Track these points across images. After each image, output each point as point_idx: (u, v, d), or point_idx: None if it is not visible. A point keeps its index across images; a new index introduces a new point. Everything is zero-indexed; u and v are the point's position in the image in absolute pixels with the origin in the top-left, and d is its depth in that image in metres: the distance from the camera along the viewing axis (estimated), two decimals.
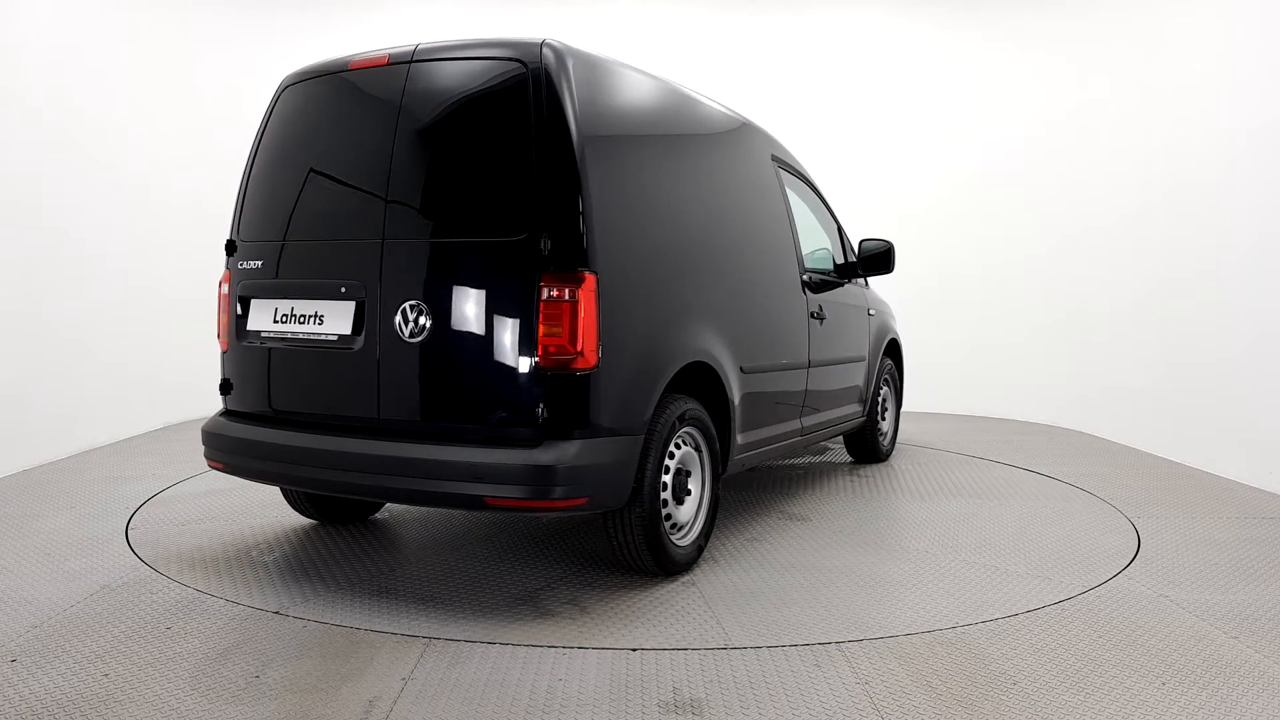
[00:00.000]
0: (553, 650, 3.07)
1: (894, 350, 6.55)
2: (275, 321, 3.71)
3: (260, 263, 3.80)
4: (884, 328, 6.27)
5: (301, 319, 3.64)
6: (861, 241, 5.86)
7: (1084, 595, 3.69)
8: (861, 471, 6.08)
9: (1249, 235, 5.96)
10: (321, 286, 3.59)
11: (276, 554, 4.09)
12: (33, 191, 5.93)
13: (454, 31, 8.22)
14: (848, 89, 8.85)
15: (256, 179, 3.94)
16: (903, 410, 7.21)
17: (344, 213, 3.60)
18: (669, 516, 3.73)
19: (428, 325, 3.36)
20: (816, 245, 5.61)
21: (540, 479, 3.16)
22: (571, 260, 3.24)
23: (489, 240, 3.34)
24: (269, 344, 3.72)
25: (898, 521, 4.76)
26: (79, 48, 6.44)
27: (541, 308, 3.22)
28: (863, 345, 5.85)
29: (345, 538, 4.32)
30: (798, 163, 5.44)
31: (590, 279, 3.25)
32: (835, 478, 5.88)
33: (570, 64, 3.41)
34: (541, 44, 3.40)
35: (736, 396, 4.14)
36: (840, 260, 5.77)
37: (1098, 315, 7.77)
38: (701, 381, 3.98)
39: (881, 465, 6.29)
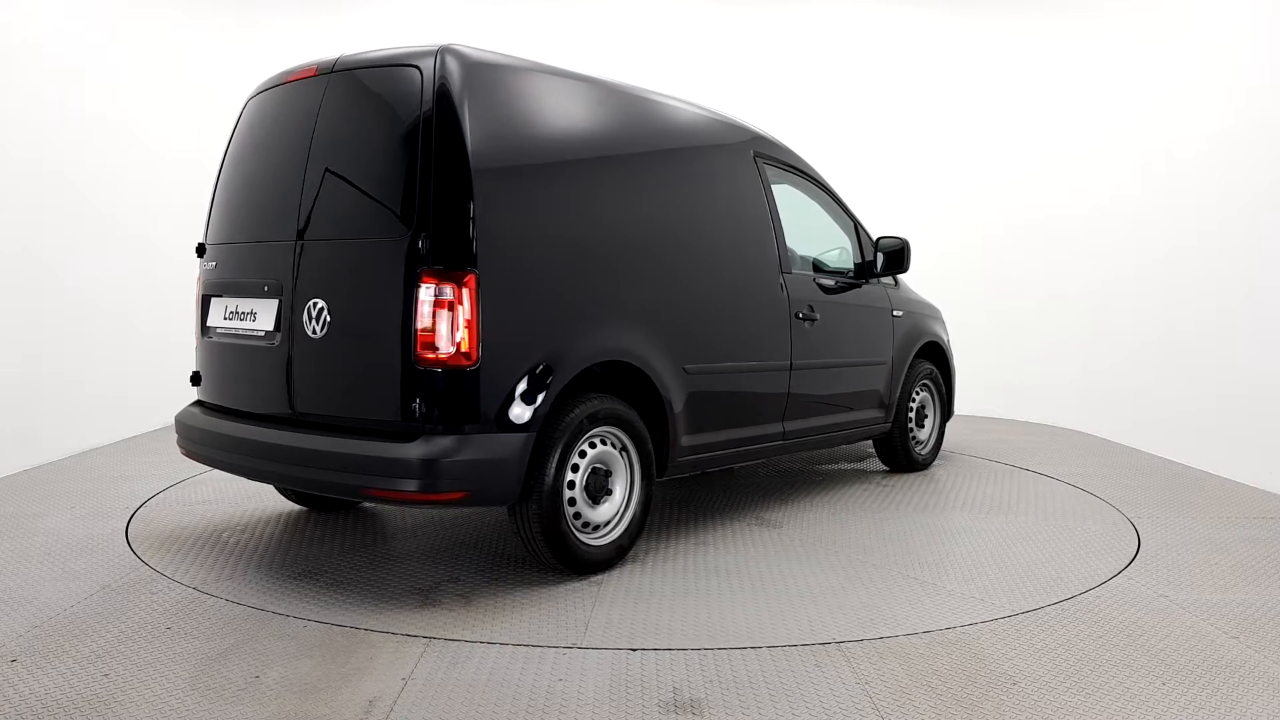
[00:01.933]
0: (553, 650, 3.07)
1: (935, 354, 6.24)
2: (225, 319, 4.01)
3: (215, 263, 4.14)
4: (916, 330, 5.94)
5: (242, 316, 3.92)
6: (878, 239, 5.64)
7: (1084, 595, 3.69)
8: (885, 481, 5.77)
9: (1249, 235, 5.96)
10: (253, 285, 3.87)
11: (242, 536, 4.10)
12: (32, 191, 5.93)
13: (448, 28, 8.23)
14: (849, 85, 8.84)
15: (221, 185, 4.24)
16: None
17: (272, 215, 3.84)
18: (578, 515, 3.75)
19: (328, 322, 3.56)
20: (834, 245, 5.46)
21: (411, 472, 3.28)
22: (452, 260, 3.34)
23: (378, 240, 3.49)
24: (222, 339, 4.03)
25: (874, 533, 4.56)
26: (82, 48, 6.44)
27: (419, 305, 3.33)
28: (882, 348, 5.62)
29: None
30: (799, 160, 5.31)
31: (471, 278, 3.34)
32: (846, 485, 5.71)
33: (467, 69, 3.51)
34: (438, 51, 3.51)
35: (677, 397, 4.11)
36: (858, 260, 5.58)
37: (1098, 315, 7.77)
38: (631, 381, 3.99)
39: (909, 475, 5.95)
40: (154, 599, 3.49)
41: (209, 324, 4.11)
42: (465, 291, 3.33)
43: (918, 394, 6.04)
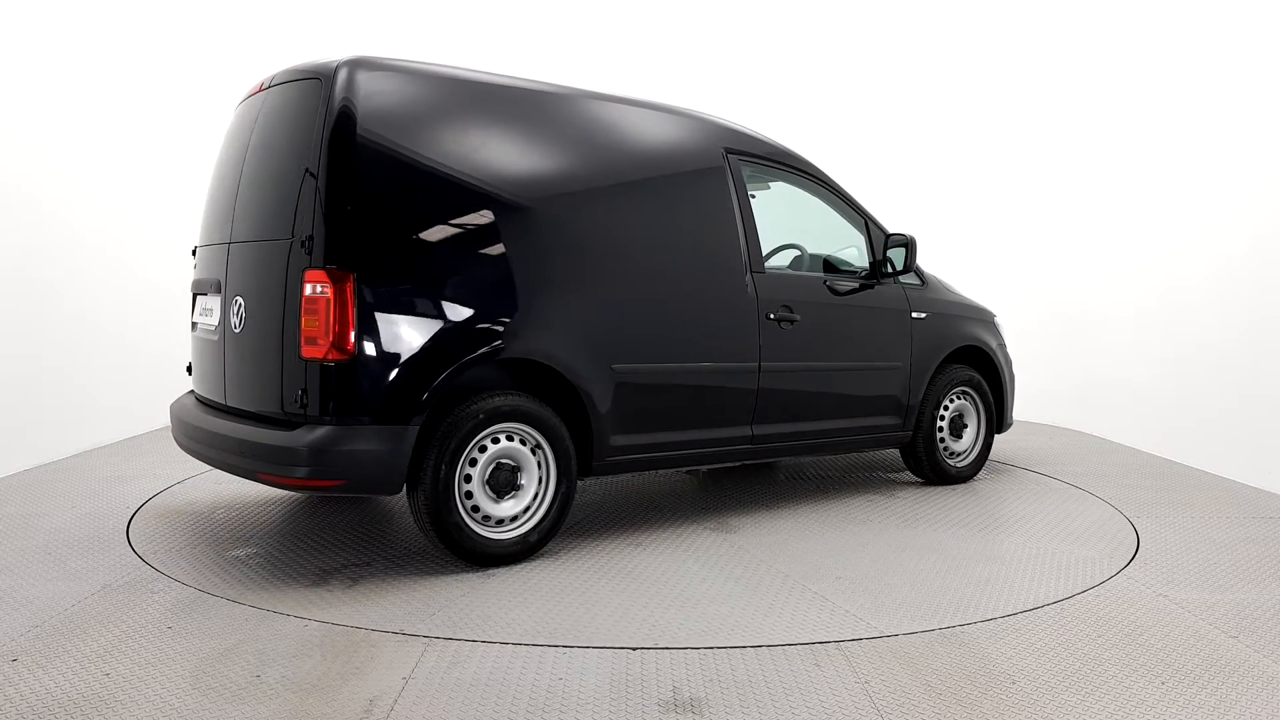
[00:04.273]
0: (553, 649, 3.08)
1: (978, 359, 5.83)
2: (199, 315, 4.41)
3: (196, 264, 4.53)
4: (945, 333, 5.57)
5: (206, 313, 4.31)
6: (887, 236, 5.34)
7: (1084, 595, 3.69)
8: (900, 492, 5.41)
9: (1249, 234, 5.96)
10: (209, 284, 4.26)
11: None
12: (32, 188, 5.94)
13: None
14: (847, 80, 8.85)
15: (208, 190, 4.56)
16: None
17: (221, 219, 4.23)
18: (477, 508, 3.85)
19: (244, 318, 3.92)
20: (845, 243, 5.30)
21: (288, 459, 3.57)
22: (332, 260, 3.56)
23: (275, 241, 3.78)
24: (198, 334, 4.43)
25: (827, 546, 4.31)
26: (83, 43, 6.44)
27: (303, 302, 3.56)
28: (894, 350, 5.31)
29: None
30: (793, 158, 5.13)
31: (350, 278, 3.55)
32: (853, 494, 5.38)
33: (367, 79, 3.73)
34: (338, 64, 3.74)
35: (601, 397, 4.12)
36: (869, 259, 5.34)
37: (1098, 315, 7.77)
38: (551, 380, 4.05)
39: (938, 488, 5.55)
40: (154, 598, 3.50)
41: (193, 319, 4.50)
42: (344, 290, 3.54)
43: (952, 401, 5.64)
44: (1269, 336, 5.70)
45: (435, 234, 3.82)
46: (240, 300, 3.94)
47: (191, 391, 4.59)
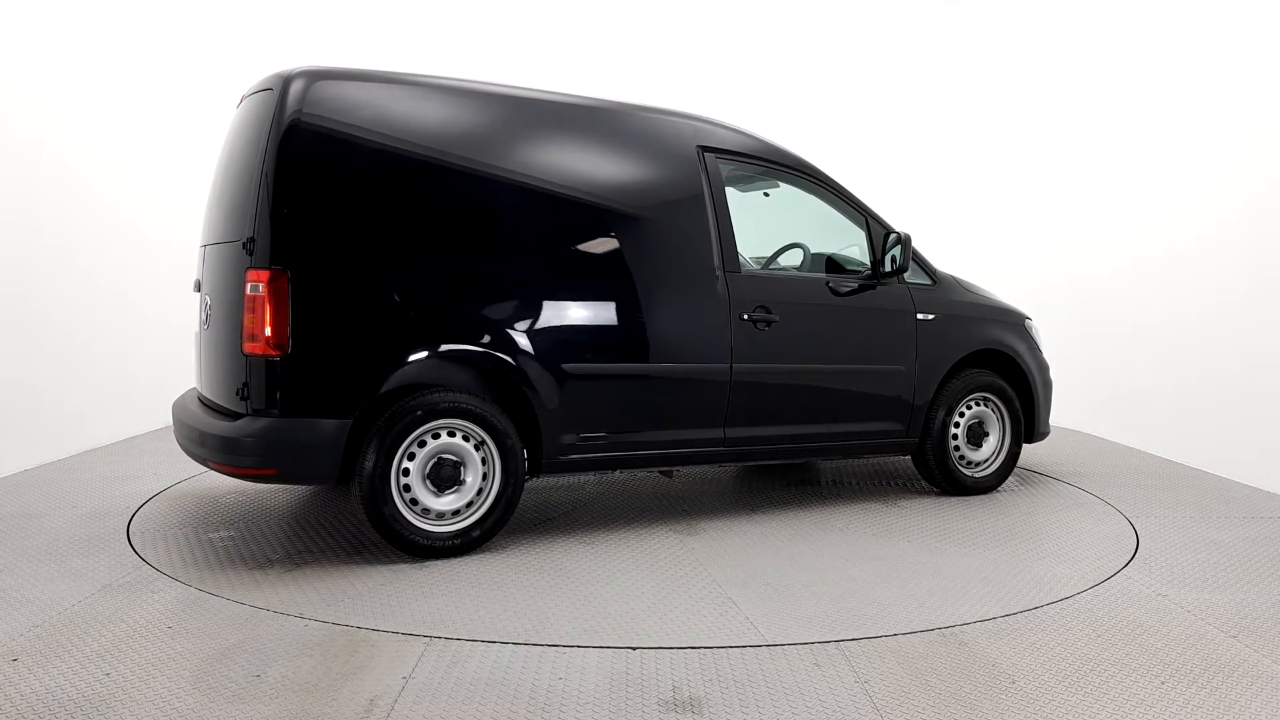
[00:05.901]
0: (553, 649, 3.08)
1: (1002, 364, 5.51)
2: (198, 313, 4.54)
3: (197, 264, 4.70)
4: (958, 335, 5.30)
5: (200, 310, 4.48)
6: (887, 234, 5.11)
7: (1083, 595, 3.69)
8: (903, 502, 5.17)
9: (1248, 234, 5.96)
10: (196, 284, 4.53)
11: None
12: (32, 187, 5.94)
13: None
14: (847, 78, 8.85)
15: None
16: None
17: (205, 222, 4.52)
18: (415, 501, 3.97)
19: (210, 316, 4.20)
20: (848, 243, 5.20)
21: (226, 448, 3.82)
22: (271, 259, 3.76)
23: (228, 243, 4.02)
24: (195, 332, 4.57)
25: (780, 553, 4.19)
26: (83, 40, 6.44)
27: (245, 299, 3.78)
28: (895, 353, 5.07)
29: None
30: (781, 153, 4.99)
31: (285, 277, 3.74)
32: (849, 501, 5.16)
33: (316, 89, 3.90)
34: (290, 75, 3.93)
35: (549, 396, 4.16)
36: (870, 258, 5.15)
37: (1097, 315, 7.78)
38: (501, 378, 4.15)
39: (936, 497, 5.28)
40: (155, 598, 3.50)
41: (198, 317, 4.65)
42: (280, 289, 3.73)
43: (970, 408, 5.34)
44: (1269, 337, 5.71)
45: (373, 236, 3.94)
46: (209, 299, 4.22)
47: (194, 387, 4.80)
